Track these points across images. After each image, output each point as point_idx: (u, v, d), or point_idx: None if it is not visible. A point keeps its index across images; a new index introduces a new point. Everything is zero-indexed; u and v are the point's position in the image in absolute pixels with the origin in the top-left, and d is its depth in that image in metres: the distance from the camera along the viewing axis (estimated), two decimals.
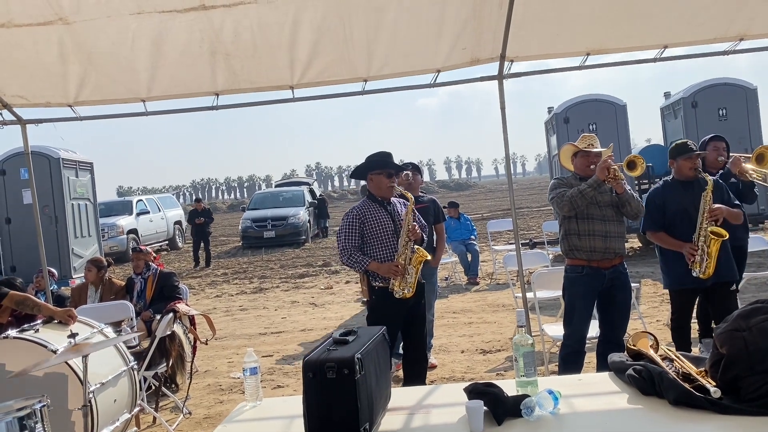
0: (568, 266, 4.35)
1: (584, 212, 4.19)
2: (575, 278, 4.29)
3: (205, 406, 5.36)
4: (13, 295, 4.04)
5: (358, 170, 4.42)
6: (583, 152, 4.29)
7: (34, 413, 2.57)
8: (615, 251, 4.22)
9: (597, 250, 4.18)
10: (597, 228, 4.18)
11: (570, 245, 4.28)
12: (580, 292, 4.27)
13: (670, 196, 4.56)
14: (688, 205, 4.49)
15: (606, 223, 4.20)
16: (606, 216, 4.21)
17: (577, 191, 4.13)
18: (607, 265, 4.22)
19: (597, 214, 4.20)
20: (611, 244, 4.20)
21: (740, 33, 4.66)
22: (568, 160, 4.42)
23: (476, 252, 10.63)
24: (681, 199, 4.53)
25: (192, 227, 16.73)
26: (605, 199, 4.22)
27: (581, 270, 4.24)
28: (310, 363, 2.21)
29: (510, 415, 2.27)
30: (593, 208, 4.20)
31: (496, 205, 34.68)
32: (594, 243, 4.18)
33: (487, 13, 4.31)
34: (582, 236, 4.21)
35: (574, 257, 4.27)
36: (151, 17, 4.11)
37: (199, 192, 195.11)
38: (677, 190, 4.57)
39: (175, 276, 6.45)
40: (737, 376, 2.19)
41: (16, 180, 11.96)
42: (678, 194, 4.55)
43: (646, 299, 7.63)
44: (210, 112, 5.15)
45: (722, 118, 11.12)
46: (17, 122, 5.34)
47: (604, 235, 4.18)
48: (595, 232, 4.18)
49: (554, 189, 4.31)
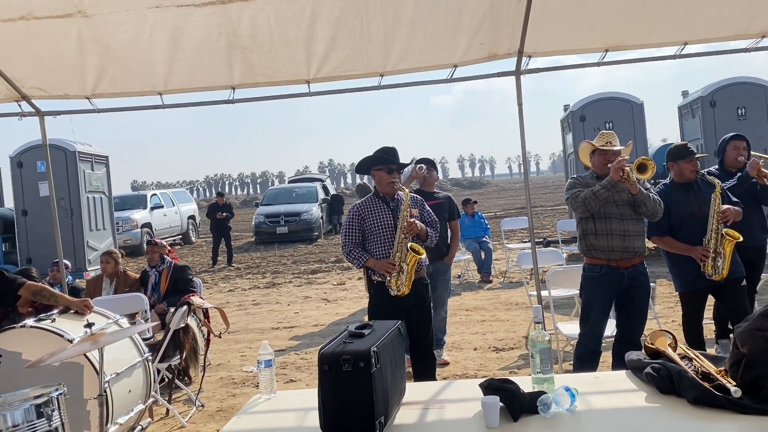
0: (587, 265, 4.28)
1: (602, 211, 4.13)
2: (594, 278, 4.22)
3: (217, 399, 5.38)
4: (29, 286, 4.05)
5: (361, 165, 4.40)
6: (600, 150, 4.24)
7: (51, 401, 2.59)
8: (634, 250, 4.15)
9: (616, 250, 4.12)
10: (615, 227, 4.12)
11: (588, 245, 4.21)
12: (598, 291, 4.21)
13: (674, 199, 4.49)
14: (692, 208, 4.44)
15: (624, 221, 4.14)
16: (624, 215, 4.15)
17: (590, 192, 4.07)
18: (626, 265, 4.15)
19: (615, 212, 4.14)
20: (630, 243, 4.13)
21: (762, 30, 4.60)
22: (586, 157, 4.38)
23: (490, 250, 10.59)
24: (684, 202, 4.47)
25: (212, 222, 15.66)
26: (623, 198, 4.15)
27: (600, 269, 4.18)
28: (325, 355, 2.21)
29: (526, 411, 2.25)
30: (611, 206, 4.14)
31: (509, 204, 34.54)
32: (612, 242, 4.12)
33: (505, 8, 4.28)
34: (599, 235, 4.14)
35: (593, 256, 4.21)
36: (169, 11, 4.12)
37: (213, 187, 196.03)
38: (679, 194, 4.51)
39: (190, 269, 6.47)
40: (758, 375, 2.16)
41: (32, 172, 12.04)
42: (681, 197, 4.50)
43: (662, 299, 7.56)
44: (225, 106, 5.24)
45: (741, 117, 10.98)
46: (35, 114, 5.39)
47: (623, 234, 4.12)
48: (613, 232, 4.12)
49: (570, 189, 4.26)
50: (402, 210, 4.19)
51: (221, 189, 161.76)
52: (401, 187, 4.27)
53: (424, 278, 4.34)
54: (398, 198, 4.31)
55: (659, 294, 7.60)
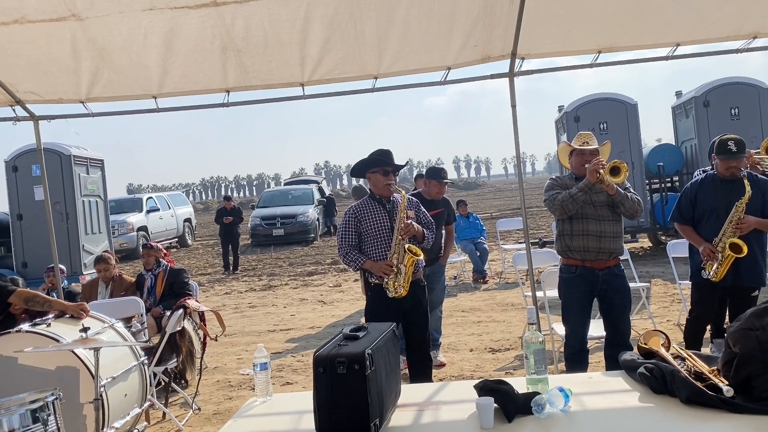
0: (563, 266, 4.31)
1: (579, 212, 4.14)
2: (569, 278, 4.25)
3: (214, 402, 5.37)
4: (21, 293, 4.03)
5: (356, 169, 4.41)
6: (577, 150, 4.26)
7: (47, 405, 2.59)
8: (610, 251, 4.16)
9: (591, 250, 4.14)
10: (591, 228, 4.14)
11: (563, 245, 4.25)
12: (574, 292, 4.24)
13: (704, 192, 4.51)
14: (719, 205, 4.45)
15: (601, 222, 4.14)
16: (601, 216, 4.16)
17: (568, 195, 4.08)
18: (601, 266, 4.16)
19: (592, 213, 4.15)
20: (605, 245, 4.14)
21: (754, 31, 4.62)
22: (565, 158, 4.40)
23: (485, 251, 10.62)
24: (714, 196, 4.48)
25: (220, 228, 15.00)
26: (600, 199, 4.16)
27: (575, 270, 4.21)
28: (320, 358, 2.22)
29: (520, 412, 2.26)
30: (588, 207, 4.15)
31: (505, 204, 34.58)
32: (587, 243, 4.14)
33: (498, 9, 4.29)
34: (575, 236, 4.17)
35: (569, 257, 4.24)
36: (162, 13, 4.12)
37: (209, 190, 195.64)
38: (713, 188, 4.52)
39: (186, 272, 6.48)
40: (750, 375, 2.17)
41: (27, 176, 12.01)
42: (712, 191, 4.50)
43: (657, 299, 7.58)
44: (220, 109, 5.17)
45: (734, 118, 11.02)
46: (30, 118, 5.37)
47: (599, 235, 4.13)
48: (589, 232, 4.14)
49: (548, 190, 4.28)
50: (398, 212, 4.20)
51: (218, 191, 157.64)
52: (397, 189, 4.29)
53: (421, 280, 4.35)
54: (394, 200, 4.32)
55: (654, 293, 7.64)
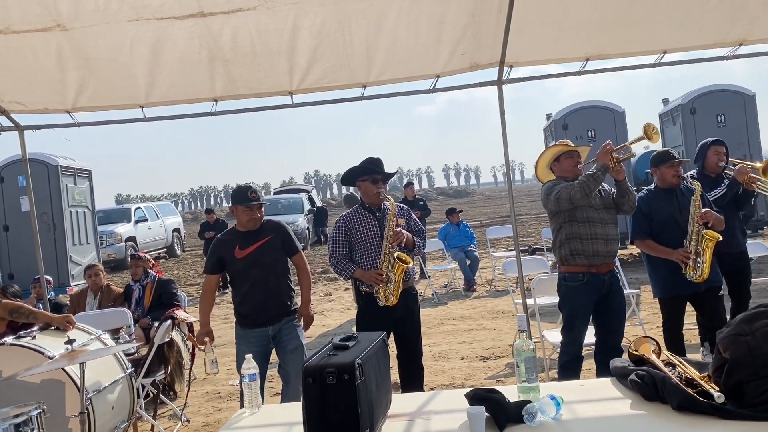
0: (567, 274, 4.22)
1: (584, 216, 4.13)
2: (576, 287, 4.17)
3: (203, 414, 5.32)
4: (5, 304, 3.99)
5: (346, 177, 4.40)
6: (567, 153, 4.26)
7: (31, 420, 2.55)
8: (614, 254, 4.24)
9: (599, 254, 4.12)
10: (598, 231, 4.13)
11: (572, 250, 4.15)
12: (582, 300, 4.18)
13: (656, 204, 4.54)
14: (674, 213, 4.49)
15: (605, 226, 4.16)
16: (603, 219, 4.17)
17: (585, 177, 4.02)
18: (606, 270, 4.18)
19: (595, 217, 4.15)
20: (612, 248, 4.19)
21: (739, 38, 4.67)
22: (546, 169, 4.39)
23: (476, 258, 10.62)
24: (667, 206, 4.52)
25: (204, 243, 13.55)
26: (597, 202, 4.18)
27: (582, 278, 4.15)
28: (309, 368, 2.19)
29: (512, 421, 2.24)
30: (591, 211, 4.14)
31: (494, 212, 34.66)
32: (597, 247, 4.12)
33: (486, 18, 4.31)
34: (584, 240, 4.12)
35: (574, 263, 4.16)
36: (149, 24, 4.10)
37: (198, 200, 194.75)
38: (662, 198, 4.56)
39: (174, 283, 6.42)
40: (741, 380, 2.17)
41: (14, 187, 11.93)
42: (663, 202, 4.54)
43: (646, 305, 7.60)
44: (209, 118, 5.15)
45: (721, 125, 11.13)
46: (15, 128, 5.33)
47: (605, 239, 4.14)
48: (597, 236, 4.12)
49: (553, 188, 4.20)
50: (388, 219, 4.19)
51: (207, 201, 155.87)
52: (387, 197, 4.27)
53: (412, 288, 4.34)
54: (384, 208, 4.30)
55: (643, 300, 7.65)
